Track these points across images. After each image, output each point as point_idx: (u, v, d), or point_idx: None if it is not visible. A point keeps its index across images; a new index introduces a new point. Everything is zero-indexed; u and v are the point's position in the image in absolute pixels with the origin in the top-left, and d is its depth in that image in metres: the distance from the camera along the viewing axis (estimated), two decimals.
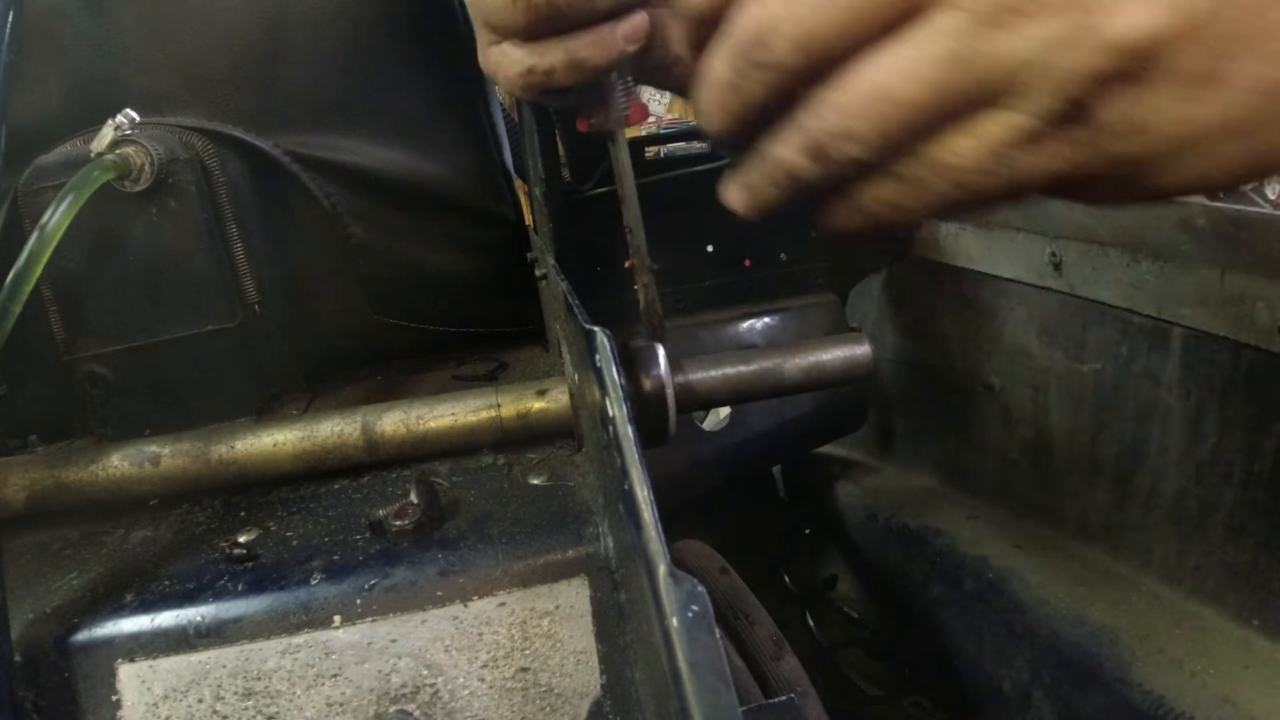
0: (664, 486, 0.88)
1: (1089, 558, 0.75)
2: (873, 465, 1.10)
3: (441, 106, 0.72)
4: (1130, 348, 0.70)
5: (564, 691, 0.43)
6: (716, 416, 0.89)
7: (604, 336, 0.39)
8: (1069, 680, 0.67)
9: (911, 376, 1.01)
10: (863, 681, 0.91)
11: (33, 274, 0.46)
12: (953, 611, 0.83)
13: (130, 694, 0.42)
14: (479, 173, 0.74)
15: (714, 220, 0.87)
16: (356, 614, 0.42)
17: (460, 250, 0.75)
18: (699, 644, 0.26)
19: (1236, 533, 0.62)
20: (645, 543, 0.30)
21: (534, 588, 0.44)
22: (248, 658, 0.42)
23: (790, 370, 0.55)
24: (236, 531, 0.49)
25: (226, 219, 0.60)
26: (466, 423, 0.53)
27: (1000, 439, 0.87)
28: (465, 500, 0.50)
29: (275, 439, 0.52)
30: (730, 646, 0.65)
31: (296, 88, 0.65)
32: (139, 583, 0.45)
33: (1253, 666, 0.59)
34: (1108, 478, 0.74)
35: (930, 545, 0.87)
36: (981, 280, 0.86)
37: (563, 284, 0.52)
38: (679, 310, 0.88)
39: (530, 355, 0.75)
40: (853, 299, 1.05)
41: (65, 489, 0.51)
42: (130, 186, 0.54)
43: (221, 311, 0.59)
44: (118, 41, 0.61)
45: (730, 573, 0.73)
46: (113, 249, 0.57)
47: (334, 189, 0.67)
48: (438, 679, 0.42)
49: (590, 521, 0.45)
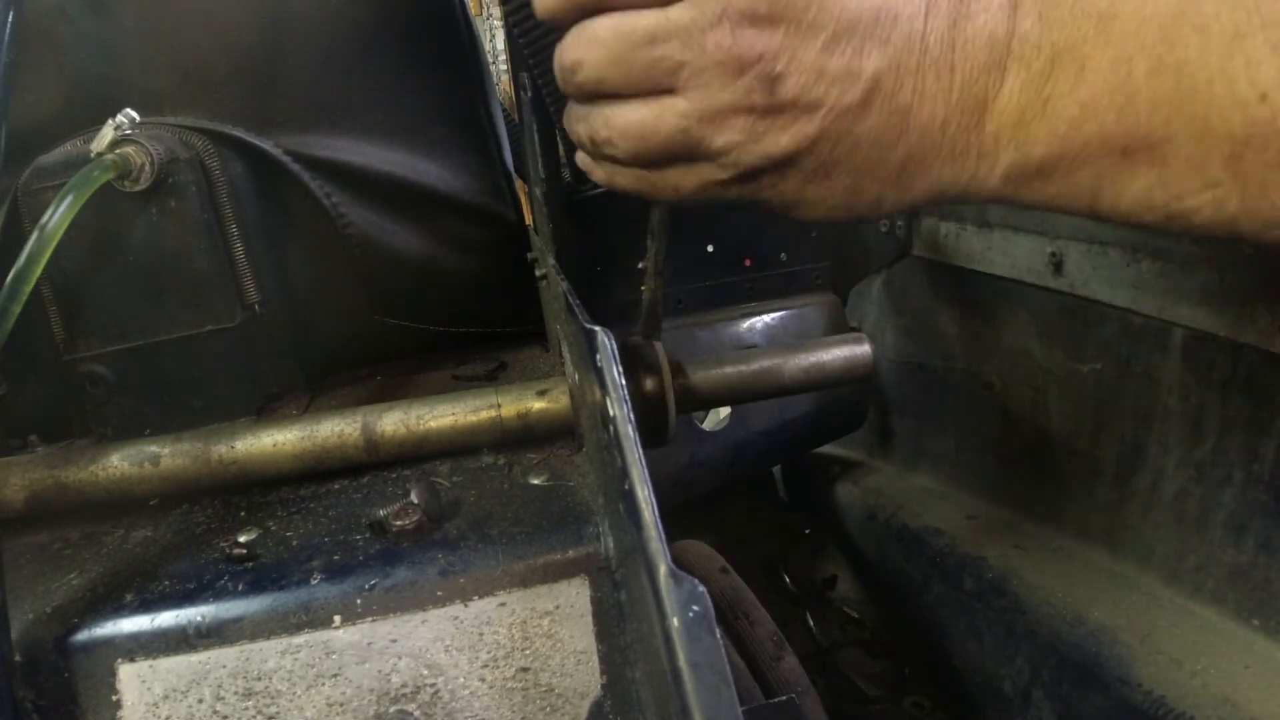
0: (664, 486, 0.88)
1: (1089, 558, 0.75)
2: (873, 465, 1.10)
3: (441, 106, 0.72)
4: (1130, 348, 0.70)
5: (564, 691, 0.43)
6: (716, 416, 0.89)
7: (604, 336, 0.39)
8: (1069, 680, 0.67)
9: (911, 376, 1.01)
10: (863, 681, 0.91)
11: (33, 274, 0.46)
12: (953, 611, 0.83)
13: (130, 694, 0.41)
14: (479, 173, 0.74)
15: (714, 220, 0.87)
16: (357, 614, 0.42)
17: (460, 250, 0.75)
18: (700, 644, 0.26)
19: (1236, 533, 0.62)
20: (646, 543, 0.30)
21: (534, 588, 0.44)
22: (248, 658, 0.42)
23: (790, 370, 0.55)
24: (236, 531, 0.49)
25: (226, 219, 0.60)
26: (466, 423, 0.53)
27: (1000, 439, 0.87)
28: (465, 500, 0.50)
29: (275, 439, 0.52)
30: (730, 646, 0.65)
31: (296, 88, 0.65)
32: (139, 583, 0.45)
33: (1253, 666, 0.58)
34: (1108, 478, 0.74)
35: (930, 545, 0.87)
36: (981, 280, 0.86)
37: (563, 284, 0.52)
38: (679, 310, 0.88)
39: (530, 355, 0.75)
40: (853, 299, 1.05)
41: (65, 489, 0.51)
42: (130, 186, 0.54)
43: (221, 311, 0.59)
44: (118, 41, 0.61)
45: (730, 573, 0.73)
46: (113, 249, 0.57)
47: (334, 189, 0.67)
48: (438, 679, 0.42)
49: (590, 521, 0.45)
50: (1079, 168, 0.35)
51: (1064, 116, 0.35)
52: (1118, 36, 0.33)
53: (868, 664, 0.94)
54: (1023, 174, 0.37)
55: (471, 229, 0.75)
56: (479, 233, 0.76)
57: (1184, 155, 0.33)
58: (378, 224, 0.70)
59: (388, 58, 0.68)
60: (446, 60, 0.72)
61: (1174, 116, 0.32)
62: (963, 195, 0.39)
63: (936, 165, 0.38)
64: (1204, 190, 0.33)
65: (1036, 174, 0.37)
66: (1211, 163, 0.32)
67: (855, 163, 0.39)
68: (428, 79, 0.71)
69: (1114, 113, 0.33)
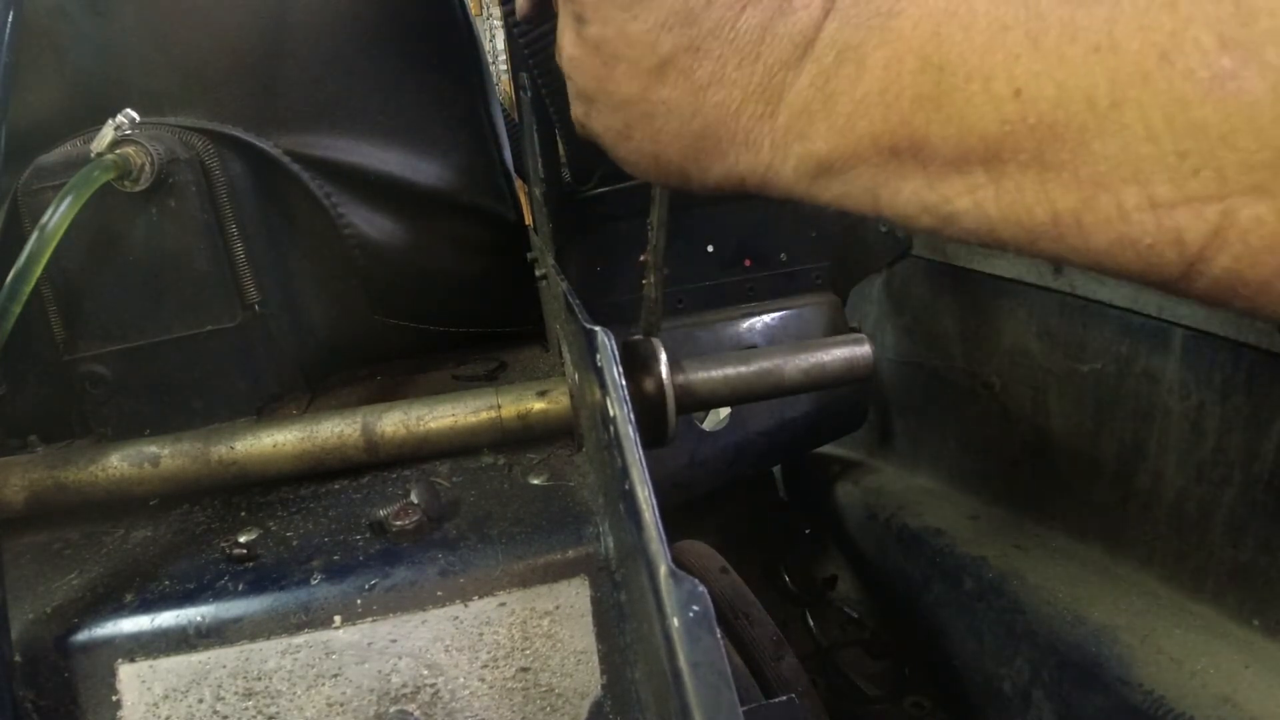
0: (664, 487, 0.89)
1: (1089, 558, 0.75)
2: (873, 465, 1.10)
3: (441, 106, 0.72)
4: (1130, 348, 0.70)
5: (564, 691, 0.43)
6: (716, 416, 0.89)
7: (604, 336, 0.39)
8: (1069, 680, 0.67)
9: (911, 376, 1.01)
10: (863, 681, 0.91)
11: (33, 274, 0.46)
12: (953, 611, 0.83)
13: (130, 694, 0.42)
14: (479, 173, 0.74)
15: (714, 220, 0.87)
16: (357, 614, 0.42)
17: (460, 250, 0.75)
18: (700, 644, 0.26)
19: (1236, 533, 0.62)
20: (646, 543, 0.30)
21: (534, 588, 0.44)
22: (248, 658, 0.42)
23: (790, 371, 0.55)
24: (236, 531, 0.49)
25: (226, 219, 0.60)
26: (467, 423, 0.53)
27: (1000, 439, 0.87)
28: (465, 500, 0.50)
29: (275, 439, 0.52)
30: (730, 646, 0.65)
31: (296, 88, 0.65)
32: (139, 583, 0.45)
33: (1253, 666, 0.59)
34: (1108, 478, 0.74)
35: (930, 545, 0.87)
36: (981, 280, 0.86)
37: (563, 284, 0.52)
38: (679, 310, 0.88)
39: (530, 355, 0.75)
40: (853, 299, 1.05)
41: (65, 489, 0.51)
42: (130, 186, 0.54)
43: (221, 311, 0.59)
44: (118, 41, 0.61)
45: (730, 573, 0.73)
46: (113, 249, 0.57)
47: (334, 189, 0.67)
48: (438, 679, 0.42)
49: (590, 521, 0.45)
50: (856, 166, 0.35)
51: (842, 113, 0.34)
52: (894, 35, 0.32)
53: (868, 664, 0.94)
54: (810, 169, 0.37)
55: (471, 229, 0.75)
56: (479, 233, 0.76)
57: (945, 155, 0.32)
58: (378, 224, 0.70)
59: (388, 58, 0.68)
60: (446, 60, 0.72)
61: (934, 116, 0.31)
62: (762, 186, 0.40)
63: (732, 150, 0.39)
64: (966, 194, 0.32)
65: (822, 170, 0.37)
66: (970, 164, 0.31)
67: (652, 130, 0.42)
68: (428, 79, 0.71)
69: (882, 110, 0.33)
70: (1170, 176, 0.25)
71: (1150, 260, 0.27)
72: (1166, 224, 0.26)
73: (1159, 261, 0.27)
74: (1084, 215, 0.28)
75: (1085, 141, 0.27)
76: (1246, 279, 0.25)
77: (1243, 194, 0.24)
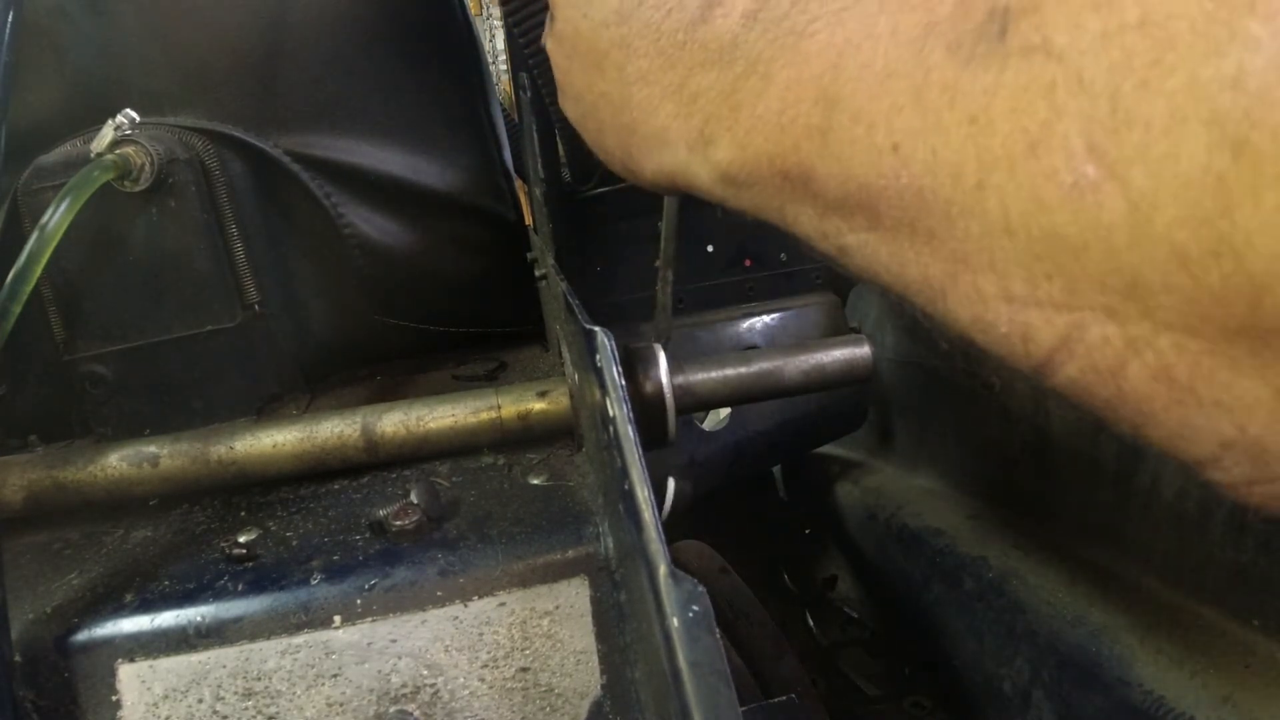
0: (664, 486, 0.88)
1: (1089, 558, 0.75)
2: (873, 465, 1.10)
3: (441, 106, 0.72)
4: None
5: (564, 691, 0.43)
6: (716, 417, 0.89)
7: (604, 336, 0.39)
8: (1069, 680, 0.67)
9: (911, 376, 1.01)
10: (863, 681, 0.91)
11: (33, 274, 0.46)
12: (953, 611, 0.83)
13: (130, 694, 0.42)
14: (479, 173, 0.74)
15: (714, 220, 0.87)
16: (356, 614, 0.42)
17: (460, 250, 0.75)
18: (699, 644, 0.26)
19: (1236, 533, 0.62)
20: (646, 543, 0.30)
21: (534, 588, 0.44)
22: (248, 658, 0.42)
23: (790, 371, 0.55)
24: (236, 531, 0.49)
25: (226, 219, 0.60)
26: (466, 423, 0.53)
27: (1000, 439, 0.87)
28: (465, 500, 0.50)
29: (275, 439, 0.52)
30: (730, 646, 0.65)
31: (296, 88, 0.65)
32: (139, 583, 0.45)
33: (1253, 666, 0.58)
34: (1108, 478, 0.74)
35: (930, 545, 0.87)
36: None
37: (563, 284, 0.52)
38: (679, 310, 0.88)
39: (530, 355, 0.75)
40: (853, 299, 1.05)
41: (65, 489, 0.51)
42: (130, 186, 0.54)
43: (221, 311, 0.59)
44: (118, 41, 0.61)
45: (730, 573, 0.73)
46: (113, 249, 0.57)
47: (334, 189, 0.67)
48: (438, 679, 0.42)
49: (590, 521, 0.45)
50: (758, 182, 0.34)
51: (743, 127, 0.33)
52: (800, 57, 0.30)
53: (868, 664, 0.94)
54: (720, 177, 0.36)
55: (471, 229, 0.75)
56: (479, 233, 0.76)
57: (830, 193, 0.30)
58: (378, 224, 0.70)
59: (388, 58, 0.68)
60: (446, 60, 0.72)
61: (822, 151, 0.29)
62: (689, 186, 0.39)
63: (656, 149, 0.40)
64: (850, 234, 0.30)
65: (729, 180, 0.36)
66: (851, 208, 0.29)
67: (597, 121, 0.44)
68: (428, 79, 0.71)
69: (777, 133, 0.32)
70: (1025, 275, 0.23)
71: (1005, 349, 0.26)
72: (1019, 319, 0.24)
73: (1013, 353, 0.25)
74: (948, 287, 0.26)
75: (951, 216, 0.25)
76: (1093, 393, 0.24)
77: (1093, 310, 0.22)
